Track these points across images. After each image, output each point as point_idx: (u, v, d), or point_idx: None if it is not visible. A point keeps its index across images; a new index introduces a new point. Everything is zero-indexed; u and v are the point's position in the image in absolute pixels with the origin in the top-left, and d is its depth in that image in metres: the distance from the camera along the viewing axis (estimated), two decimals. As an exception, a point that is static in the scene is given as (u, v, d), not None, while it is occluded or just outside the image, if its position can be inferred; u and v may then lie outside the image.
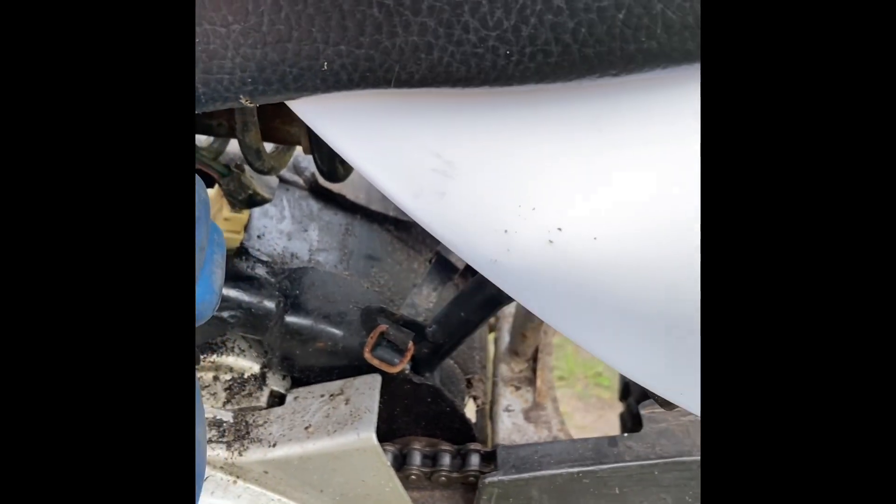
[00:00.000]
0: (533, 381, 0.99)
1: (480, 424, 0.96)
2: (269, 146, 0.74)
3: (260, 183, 0.78)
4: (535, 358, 1.02)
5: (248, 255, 0.83)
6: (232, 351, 0.83)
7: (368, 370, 0.80)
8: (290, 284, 0.82)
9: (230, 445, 0.78)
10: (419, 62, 0.36)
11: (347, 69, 0.38)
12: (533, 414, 0.94)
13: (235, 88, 0.40)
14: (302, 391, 0.82)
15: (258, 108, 0.65)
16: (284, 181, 0.95)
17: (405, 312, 0.79)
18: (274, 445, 0.76)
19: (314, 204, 0.96)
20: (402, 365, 0.78)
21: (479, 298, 0.78)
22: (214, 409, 0.80)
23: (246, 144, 0.66)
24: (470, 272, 0.80)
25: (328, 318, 0.80)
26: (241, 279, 0.78)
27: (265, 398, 0.82)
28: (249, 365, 0.83)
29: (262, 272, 0.82)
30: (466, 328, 0.80)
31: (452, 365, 0.93)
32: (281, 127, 0.70)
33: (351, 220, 0.98)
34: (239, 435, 0.78)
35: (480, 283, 0.77)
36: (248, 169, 0.75)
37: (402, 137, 0.42)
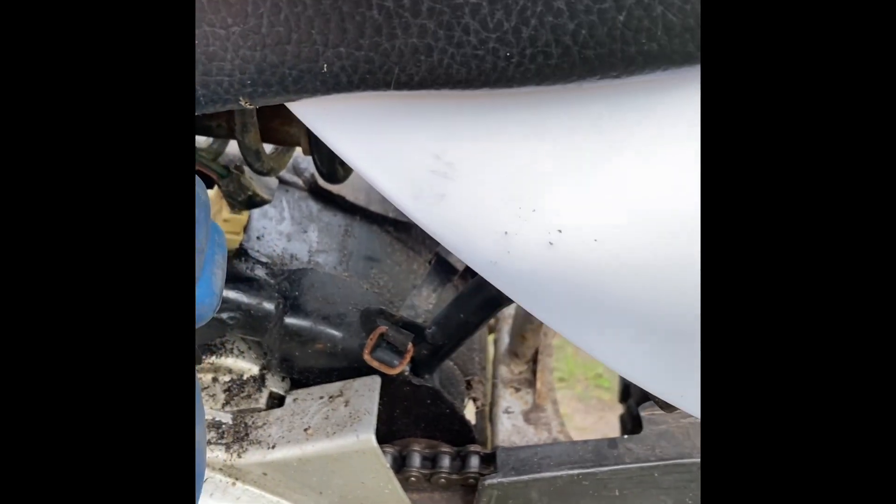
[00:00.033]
0: (533, 382, 0.99)
1: (480, 426, 0.96)
2: (268, 147, 0.74)
3: (259, 184, 0.78)
4: (534, 359, 1.02)
5: (247, 256, 0.83)
6: (231, 352, 0.82)
7: (368, 372, 0.80)
8: (289, 286, 0.81)
9: (229, 447, 0.77)
10: (419, 64, 0.36)
11: (347, 71, 0.37)
12: (533, 416, 0.94)
13: (235, 90, 0.40)
14: (301, 393, 0.82)
15: (257, 108, 0.65)
16: (284, 182, 0.95)
17: (405, 314, 0.79)
18: (273, 447, 0.76)
19: (314, 205, 0.96)
20: (401, 366, 0.78)
21: (478, 300, 0.78)
22: (213, 410, 0.80)
23: (245, 145, 0.66)
24: (470, 273, 0.80)
25: (327, 319, 0.80)
26: (240, 280, 0.78)
27: (264, 400, 0.82)
28: (248, 366, 0.83)
29: (261, 273, 0.82)
30: (466, 330, 0.80)
31: (452, 366, 0.92)
32: (280, 128, 0.70)
33: (350, 221, 0.98)
34: (238, 437, 0.78)
35: (480, 284, 0.77)
36: (247, 170, 0.75)
37: (401, 139, 0.42)
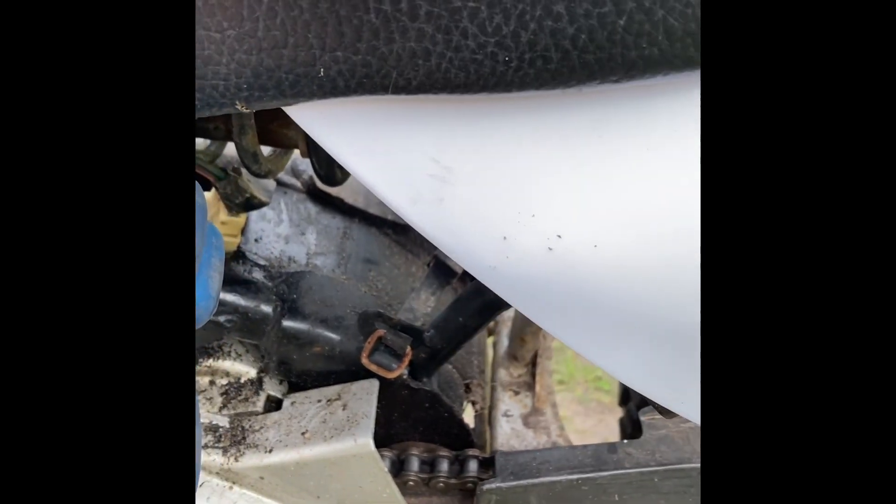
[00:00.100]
0: (532, 385, 0.99)
1: (479, 430, 0.95)
2: (266, 149, 0.73)
3: (257, 186, 0.78)
4: (534, 362, 1.01)
5: (245, 258, 0.83)
6: (228, 355, 0.82)
7: (366, 375, 0.79)
8: (287, 288, 0.81)
9: (226, 451, 0.77)
10: (417, 68, 0.36)
11: (344, 75, 0.37)
12: (532, 419, 0.94)
13: (231, 94, 0.39)
14: (299, 396, 0.81)
15: (255, 111, 0.64)
16: (282, 184, 0.94)
17: (403, 317, 0.78)
18: (270, 451, 0.76)
19: (312, 207, 0.95)
20: (399, 370, 0.77)
21: (477, 303, 0.77)
22: (210, 413, 0.79)
23: (243, 148, 0.66)
24: (469, 276, 0.79)
25: (325, 322, 0.80)
26: (237, 283, 0.77)
27: (262, 403, 0.81)
28: (246, 369, 0.83)
29: (259, 276, 0.81)
30: (465, 333, 0.79)
31: (451, 370, 0.92)
32: (278, 130, 0.69)
33: (349, 223, 0.98)
34: (235, 440, 0.78)
35: (479, 287, 0.76)
36: (245, 172, 0.74)
37: (399, 143, 0.42)
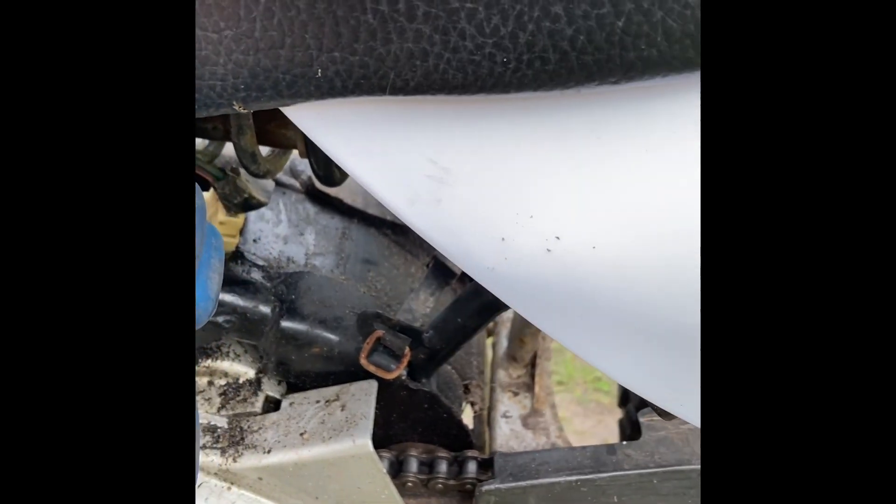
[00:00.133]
0: (531, 386, 0.99)
1: (478, 431, 0.95)
2: (264, 149, 0.73)
3: (256, 186, 0.77)
4: (533, 363, 1.01)
5: (243, 259, 0.83)
6: (227, 356, 0.82)
7: (364, 376, 0.79)
8: (285, 289, 0.81)
9: (224, 451, 0.77)
10: (414, 69, 0.36)
11: (342, 76, 0.37)
12: (531, 420, 0.94)
13: (228, 95, 0.39)
14: (297, 397, 0.81)
15: (253, 111, 0.64)
16: (281, 184, 0.94)
17: (402, 318, 0.78)
18: (269, 452, 0.76)
19: (311, 207, 0.95)
20: (398, 371, 0.77)
21: (476, 304, 0.77)
22: (209, 414, 0.79)
23: (241, 148, 0.66)
24: (468, 277, 0.79)
25: (324, 323, 0.80)
26: (236, 283, 0.77)
27: (260, 404, 0.81)
28: (244, 370, 0.82)
29: (257, 276, 0.81)
30: (464, 334, 0.79)
31: (450, 370, 0.92)
32: (276, 130, 0.69)
33: (348, 223, 0.98)
34: (233, 441, 0.77)
35: (478, 288, 0.76)
36: (243, 172, 0.74)
37: (397, 144, 0.42)
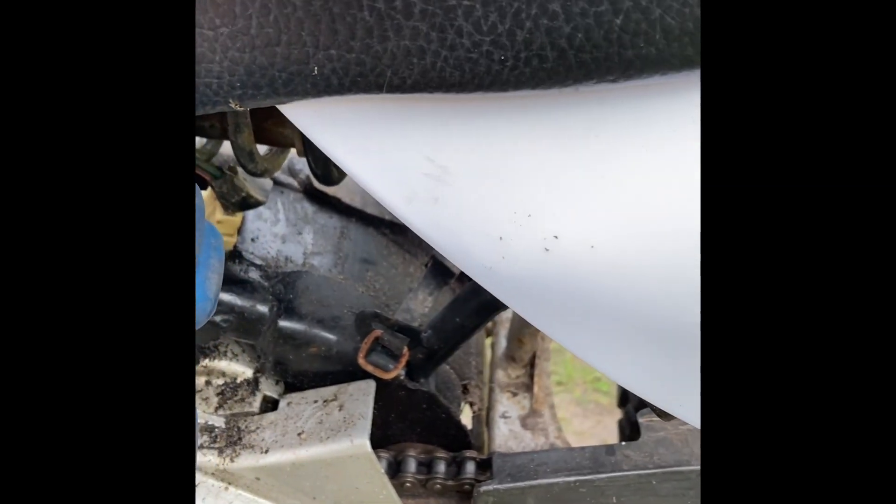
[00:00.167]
0: (530, 387, 0.98)
1: (477, 431, 0.95)
2: (262, 148, 0.73)
3: (253, 185, 0.77)
4: (532, 363, 1.01)
5: (241, 258, 0.82)
6: (224, 355, 0.82)
7: (363, 376, 0.79)
8: (283, 288, 0.81)
9: (222, 451, 0.77)
10: (411, 67, 0.35)
11: (338, 74, 0.37)
12: (530, 421, 0.93)
13: (224, 92, 0.39)
14: (295, 397, 0.81)
15: (251, 109, 0.64)
16: (279, 183, 0.94)
17: (400, 317, 0.78)
18: (266, 451, 0.75)
19: (309, 207, 0.95)
20: (396, 371, 0.77)
21: (474, 304, 0.77)
22: (206, 414, 0.79)
23: (238, 146, 0.66)
24: (466, 277, 0.79)
25: (322, 322, 0.79)
26: (234, 283, 0.77)
27: (258, 403, 0.81)
28: (242, 370, 0.82)
29: (255, 276, 0.81)
30: (462, 334, 0.79)
31: (448, 370, 0.92)
32: (274, 128, 0.69)
33: (346, 223, 0.97)
34: (231, 441, 0.77)
35: (476, 288, 0.76)
36: (241, 171, 0.74)
37: (394, 142, 0.41)
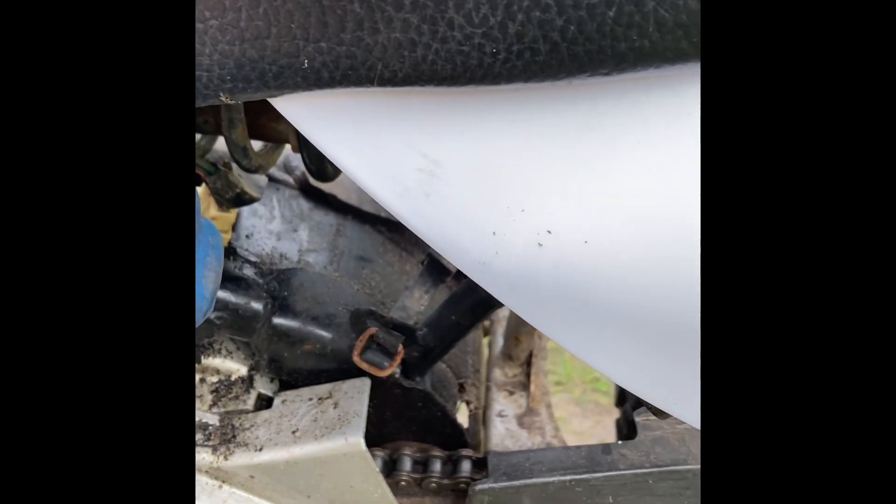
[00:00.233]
0: (527, 385, 0.98)
1: (473, 430, 0.95)
2: (257, 144, 0.72)
3: (248, 182, 0.77)
4: (529, 362, 1.00)
5: (235, 255, 0.82)
6: (219, 353, 0.81)
7: (357, 374, 0.79)
8: (278, 285, 0.80)
9: (216, 449, 0.76)
10: (402, 60, 0.35)
11: (328, 66, 0.36)
12: (526, 419, 0.93)
13: (214, 86, 0.39)
14: (290, 394, 0.81)
15: (245, 104, 0.63)
16: (274, 180, 0.94)
17: (396, 315, 0.77)
18: (260, 449, 0.75)
19: (304, 204, 0.94)
20: (391, 369, 0.77)
21: (470, 301, 0.77)
22: (200, 411, 0.79)
23: (232, 142, 0.65)
24: (462, 275, 0.78)
25: (317, 320, 0.79)
26: (228, 279, 0.77)
27: (252, 401, 0.81)
28: (236, 367, 0.82)
29: (249, 273, 0.80)
30: (458, 332, 0.79)
31: (445, 369, 0.91)
32: (268, 124, 0.69)
33: (342, 220, 0.97)
34: (225, 438, 0.77)
35: (472, 285, 0.76)
36: (235, 167, 0.74)
37: (386, 136, 0.41)
